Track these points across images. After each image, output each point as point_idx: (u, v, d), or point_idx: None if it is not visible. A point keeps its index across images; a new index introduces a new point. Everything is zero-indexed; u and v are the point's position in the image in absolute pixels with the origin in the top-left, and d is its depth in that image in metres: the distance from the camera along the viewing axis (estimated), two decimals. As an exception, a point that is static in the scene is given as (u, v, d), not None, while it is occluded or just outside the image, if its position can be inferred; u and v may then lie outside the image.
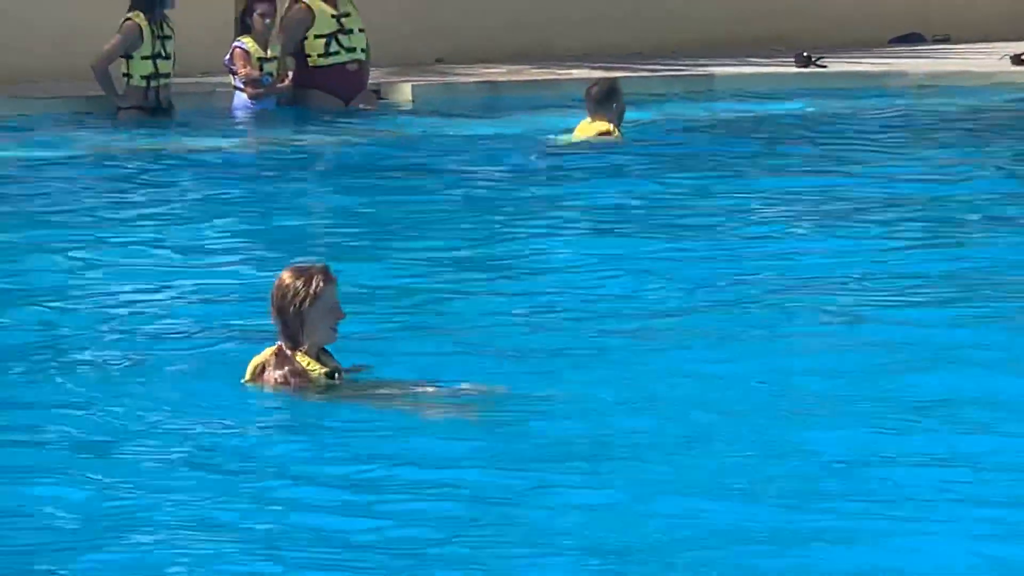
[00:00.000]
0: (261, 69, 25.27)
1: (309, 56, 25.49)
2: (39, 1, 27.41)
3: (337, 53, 25.62)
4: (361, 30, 25.80)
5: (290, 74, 25.65)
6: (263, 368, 11.66)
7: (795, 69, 29.14)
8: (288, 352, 11.60)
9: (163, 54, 24.91)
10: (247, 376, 11.62)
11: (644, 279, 16.39)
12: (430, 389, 11.96)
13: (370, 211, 20.65)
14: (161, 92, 25.03)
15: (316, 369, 11.56)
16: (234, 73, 25.16)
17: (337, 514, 9.97)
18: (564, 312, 15.19)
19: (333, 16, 25.49)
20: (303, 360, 11.60)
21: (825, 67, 29.30)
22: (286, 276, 11.65)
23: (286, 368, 11.63)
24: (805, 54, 29.52)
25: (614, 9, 29.88)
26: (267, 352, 11.61)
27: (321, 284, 11.50)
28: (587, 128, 22.53)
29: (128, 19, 24.74)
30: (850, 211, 20.09)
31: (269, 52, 25.29)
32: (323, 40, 25.48)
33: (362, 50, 25.83)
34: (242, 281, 15.58)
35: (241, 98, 25.17)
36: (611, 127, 22.22)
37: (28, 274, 17.07)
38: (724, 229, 18.63)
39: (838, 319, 14.69)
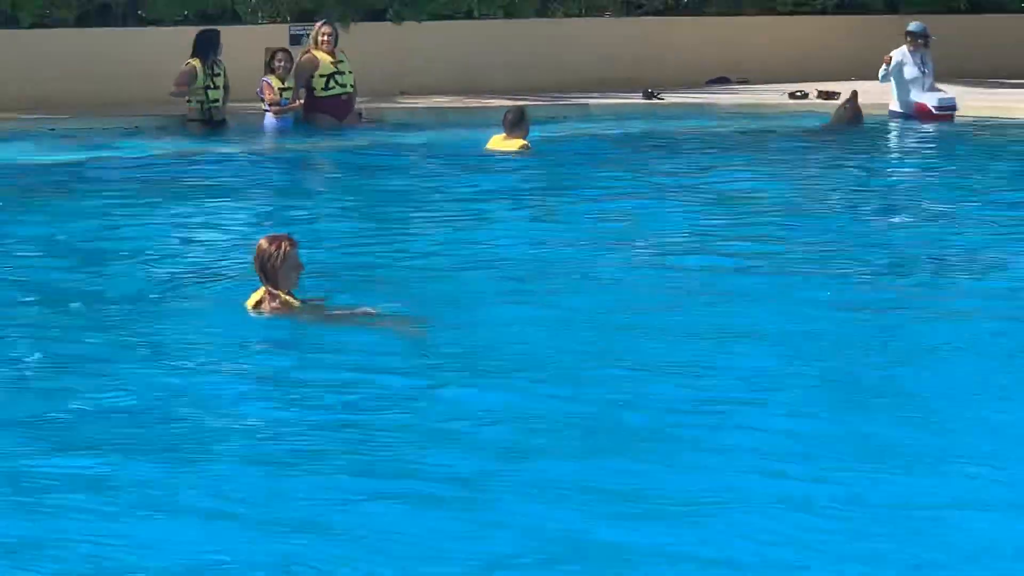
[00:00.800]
0: (281, 97, 25.59)
1: (314, 89, 25.88)
2: (132, 46, 26.99)
3: (333, 88, 25.93)
4: (350, 72, 26.11)
5: (300, 101, 25.64)
6: (259, 302, 12.44)
7: (642, 100, 29.63)
8: (273, 292, 12.37)
9: (212, 86, 25.38)
10: (250, 306, 12.53)
11: (541, 243, 16.83)
12: (368, 310, 12.68)
13: (351, 192, 21.73)
14: (213, 111, 25.46)
15: (292, 301, 12.41)
16: (263, 100, 25.73)
17: (308, 387, 11.01)
18: (477, 265, 15.85)
19: (331, 63, 25.89)
20: (285, 298, 12.39)
21: (662, 99, 29.70)
22: (263, 243, 12.56)
23: (276, 302, 12.33)
24: (649, 90, 30.10)
25: (523, 58, 30.97)
26: (259, 291, 12.48)
27: (287, 248, 12.38)
28: (502, 143, 22.71)
29: (188, 63, 25.28)
30: (678, 190, 21.36)
31: (286, 85, 25.64)
32: (324, 79, 25.87)
33: (351, 85, 26.15)
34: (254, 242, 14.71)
35: (268, 117, 25.74)
36: (525, 142, 22.54)
37: (125, 232, 17.68)
38: (602, 209, 19.25)
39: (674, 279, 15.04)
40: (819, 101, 30.12)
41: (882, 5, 35.19)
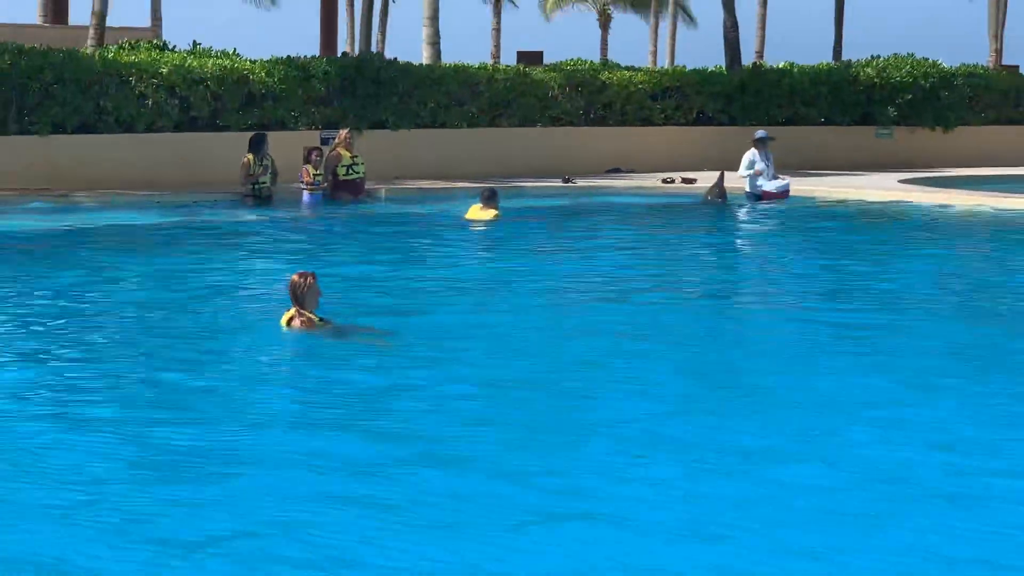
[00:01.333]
0: (315, 179, 25.98)
1: (338, 175, 26.07)
2: (211, 145, 27.37)
3: (352, 174, 26.18)
4: (362, 163, 26.21)
5: (327, 183, 25.97)
6: (291, 319, 12.54)
7: (561, 183, 29.76)
8: (301, 312, 12.48)
9: (261, 173, 25.26)
10: (283, 322, 12.62)
11: (508, 281, 17.21)
12: (359, 328, 13.10)
13: (363, 244, 21.58)
14: (262, 191, 25.34)
15: (313, 319, 12.48)
16: (303, 182, 25.88)
17: (330, 388, 11.21)
18: (457, 295, 16.06)
19: (350, 157, 26.05)
20: (309, 316, 12.48)
21: (575, 183, 29.88)
22: (295, 276, 12.60)
23: (302, 319, 12.44)
24: (566, 176, 30.40)
25: (479, 154, 30.92)
26: (290, 311, 12.57)
27: (311, 280, 12.47)
28: (479, 212, 22.79)
29: (245, 157, 25.29)
30: (591, 245, 21.82)
31: (319, 171, 25.87)
32: (345, 167, 26.08)
33: (363, 172, 26.31)
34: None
35: (305, 193, 25.89)
36: (497, 212, 22.66)
37: (203, 270, 18.11)
38: (553, 259, 19.76)
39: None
40: (682, 184, 30.01)
41: (726, 119, 34.75)
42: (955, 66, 38.07)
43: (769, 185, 27.45)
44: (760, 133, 28.18)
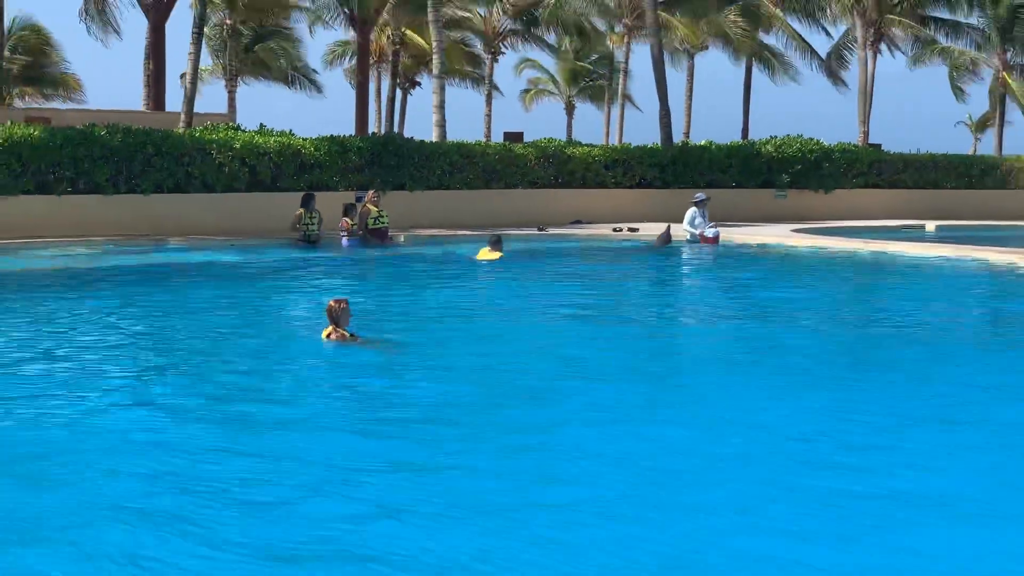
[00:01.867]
0: (352, 228, 25.83)
1: (368, 224, 25.70)
2: (274, 202, 27.31)
3: (378, 223, 25.84)
4: (386, 216, 25.91)
5: (360, 231, 25.66)
6: (328, 334, 12.28)
7: (537, 232, 29.37)
8: (336, 329, 12.24)
9: (310, 223, 25.38)
10: (323, 337, 12.33)
11: (510, 310, 16.48)
12: (381, 340, 12.74)
13: (389, 278, 21.37)
14: (311, 236, 25.30)
15: (346, 335, 12.20)
16: (342, 230, 25.88)
17: (361, 377, 11.14)
18: (466, 320, 15.51)
19: (377, 211, 25.75)
20: (342, 332, 12.21)
21: (547, 231, 29.60)
22: (331, 302, 12.39)
23: (337, 335, 12.21)
24: (539, 226, 30.37)
25: (476, 210, 30.83)
26: (328, 328, 12.33)
27: (344, 304, 12.29)
28: (488, 254, 22.30)
29: (298, 211, 25.43)
30: (572, 275, 21.41)
31: (354, 222, 25.81)
32: (374, 219, 25.76)
33: (387, 222, 25.96)
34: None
35: (344, 239, 25.77)
36: (501, 254, 22.25)
37: (267, 297, 18.08)
38: (543, 291, 18.88)
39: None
40: (628, 232, 29.52)
41: (661, 183, 34.69)
42: (833, 144, 38.29)
43: (708, 232, 27.31)
44: (699, 196, 28.10)
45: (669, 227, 27.28)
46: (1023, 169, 42.39)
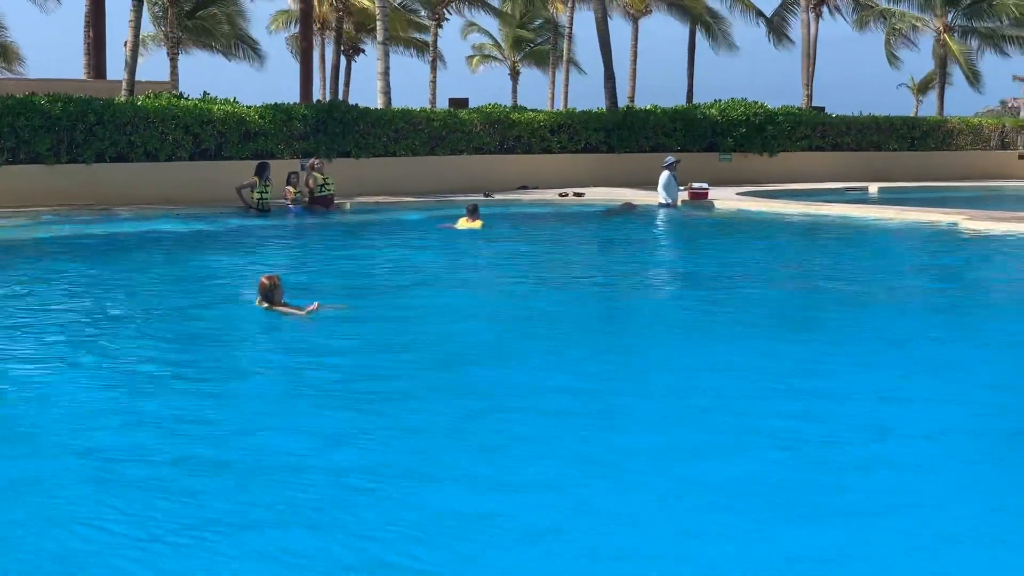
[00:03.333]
0: (296, 195, 26.03)
1: (313, 192, 26.06)
2: (219, 171, 27.21)
3: (324, 191, 26.16)
4: (332, 182, 26.23)
5: (305, 199, 26.04)
6: (259, 303, 12.13)
7: (483, 198, 28.67)
8: (272, 305, 12.00)
9: (264, 191, 25.42)
10: (258, 303, 12.19)
11: (483, 266, 17.16)
12: (316, 305, 12.15)
13: (332, 244, 21.31)
14: (263, 205, 25.33)
15: (287, 308, 11.96)
16: (285, 198, 26.10)
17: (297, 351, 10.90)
18: (444, 284, 15.56)
19: (322, 178, 26.07)
20: (282, 306, 12.01)
21: (493, 197, 29.47)
22: (263, 278, 12.27)
23: (266, 305, 12.01)
24: (486, 192, 30.37)
25: (420, 176, 30.79)
26: (257, 299, 12.22)
27: (277, 282, 12.14)
28: (467, 223, 22.35)
29: (253, 178, 25.42)
30: (524, 238, 21.47)
31: (298, 190, 26.02)
32: (319, 186, 26.05)
33: (333, 189, 26.30)
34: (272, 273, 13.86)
35: (288, 206, 25.90)
36: (481, 222, 22.36)
37: (210, 263, 18.05)
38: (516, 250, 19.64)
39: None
40: (574, 197, 29.89)
41: (606, 148, 34.77)
42: (777, 107, 38.46)
43: (689, 190, 28.09)
44: (669, 158, 28.48)
45: (629, 204, 27.60)
46: (963, 130, 42.86)
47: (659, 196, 28.07)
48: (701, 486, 6.97)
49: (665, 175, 28.07)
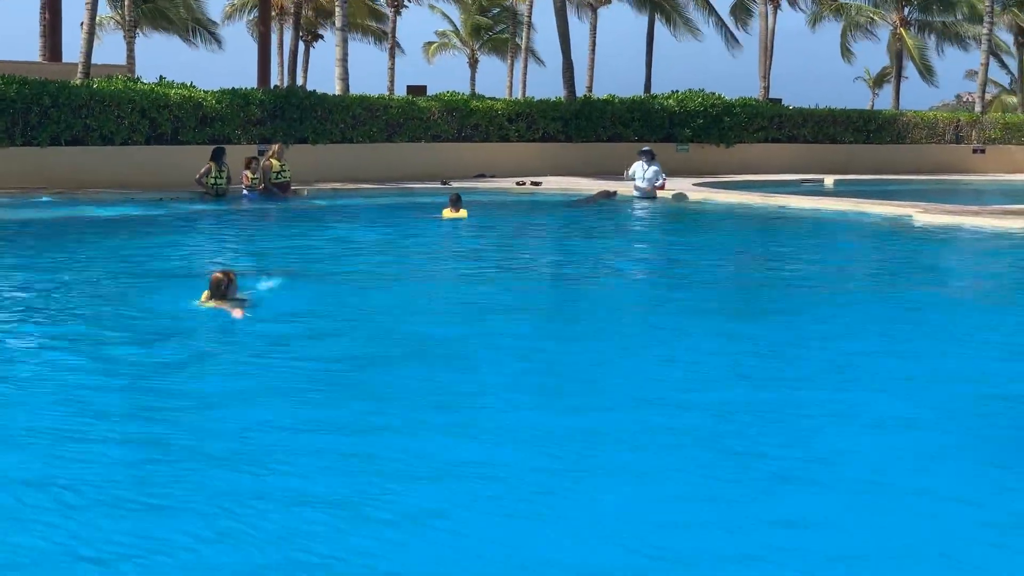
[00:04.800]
0: (252, 182, 25.51)
1: (271, 179, 25.84)
2: (176, 155, 27.15)
3: (281, 177, 26.03)
4: (288, 169, 26.09)
5: (262, 185, 25.59)
6: (206, 299, 11.55)
7: (440, 186, 29.12)
8: (214, 297, 11.44)
9: (219, 176, 25.32)
10: (202, 302, 11.65)
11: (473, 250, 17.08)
12: (244, 297, 11.84)
13: (287, 229, 21.32)
14: (219, 190, 25.25)
15: (225, 302, 11.45)
16: (243, 184, 25.60)
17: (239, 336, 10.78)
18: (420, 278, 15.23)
19: (279, 164, 25.93)
20: (208, 301, 11.50)
21: (450, 184, 29.23)
22: (216, 272, 11.75)
23: (214, 300, 11.44)
24: (443, 180, 30.45)
25: (378, 162, 30.86)
26: (205, 295, 11.62)
27: (233, 277, 11.63)
28: (452, 213, 21.96)
29: (208, 164, 25.34)
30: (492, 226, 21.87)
31: (255, 176, 25.55)
32: (276, 173, 25.91)
33: (290, 176, 26.16)
34: (230, 264, 14.74)
35: (245, 192, 25.54)
36: (465, 211, 22.01)
37: (164, 249, 17.67)
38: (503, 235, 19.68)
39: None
40: (531, 186, 29.99)
41: (564, 137, 34.85)
42: (734, 98, 38.60)
43: (656, 184, 27.75)
44: (644, 149, 28.59)
45: (606, 192, 27.49)
46: (918, 124, 43.23)
47: (637, 184, 27.97)
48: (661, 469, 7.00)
49: (636, 165, 28.05)
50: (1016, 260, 18.83)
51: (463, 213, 22.21)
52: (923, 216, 23.01)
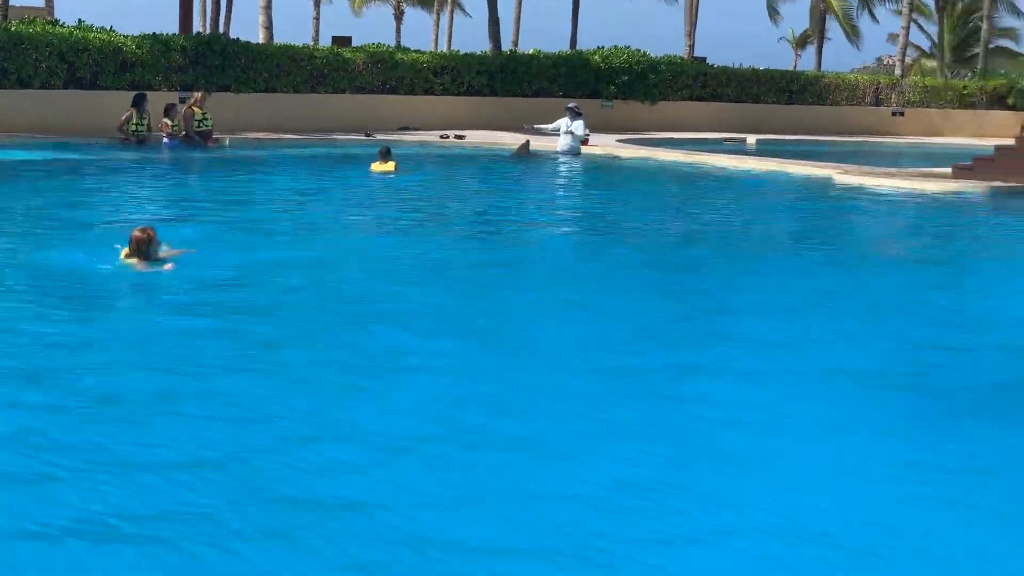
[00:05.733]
0: (172, 129, 25.30)
1: (192, 126, 25.53)
2: (96, 100, 26.84)
3: (202, 126, 25.70)
4: (210, 117, 25.75)
5: (183, 133, 25.36)
6: (126, 256, 11.05)
7: (364, 137, 28.84)
8: (141, 261, 10.96)
9: (141, 123, 25.29)
10: (122, 259, 11.16)
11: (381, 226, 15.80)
12: (174, 251, 11.49)
13: (207, 178, 21.20)
14: (140, 136, 25.17)
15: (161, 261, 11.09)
16: (161, 130, 25.46)
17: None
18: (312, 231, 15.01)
19: (201, 112, 25.63)
20: (128, 259, 11.07)
21: (374, 136, 28.96)
22: (136, 230, 11.15)
23: (134, 258, 10.97)
24: (367, 132, 30.00)
25: (302, 113, 30.57)
26: (123, 252, 11.17)
27: (152, 235, 11.09)
28: (381, 167, 21.53)
29: (128, 110, 25.30)
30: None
31: (175, 123, 25.37)
32: (197, 121, 25.61)
33: (211, 124, 25.81)
34: (151, 218, 14.42)
35: (165, 140, 25.27)
36: (395, 164, 21.62)
37: (84, 195, 17.65)
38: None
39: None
40: (455, 140, 29.98)
41: (488, 91, 34.86)
42: (659, 56, 38.92)
43: (577, 138, 27.59)
44: (571, 104, 28.56)
45: (527, 144, 27.18)
46: (840, 86, 43.60)
47: (562, 139, 27.81)
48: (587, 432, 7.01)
49: (561, 120, 27.97)
50: (929, 219, 19.20)
51: (392, 166, 22.00)
52: (843, 177, 23.35)
